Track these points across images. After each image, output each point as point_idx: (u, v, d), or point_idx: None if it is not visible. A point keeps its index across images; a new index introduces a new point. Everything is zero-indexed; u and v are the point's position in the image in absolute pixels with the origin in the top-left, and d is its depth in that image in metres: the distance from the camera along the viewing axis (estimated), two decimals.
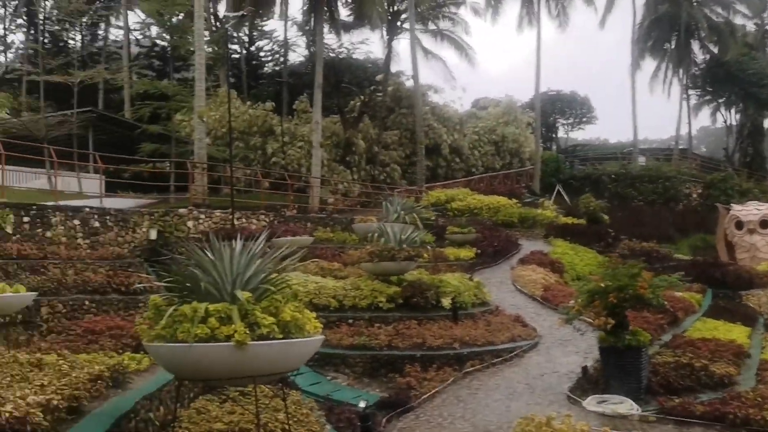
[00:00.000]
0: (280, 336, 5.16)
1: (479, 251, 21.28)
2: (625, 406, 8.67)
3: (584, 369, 10.32)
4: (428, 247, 15.49)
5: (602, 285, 9.78)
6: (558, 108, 56.31)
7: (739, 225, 27.06)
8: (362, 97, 37.88)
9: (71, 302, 10.72)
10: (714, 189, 38.77)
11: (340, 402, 9.34)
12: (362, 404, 6.89)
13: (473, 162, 40.96)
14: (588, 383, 9.86)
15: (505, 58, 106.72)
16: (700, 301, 17.24)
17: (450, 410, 9.20)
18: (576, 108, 57.51)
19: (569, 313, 10.29)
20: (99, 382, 6.08)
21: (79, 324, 9.57)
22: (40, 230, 14.10)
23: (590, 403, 8.84)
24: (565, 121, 59.25)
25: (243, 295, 5.16)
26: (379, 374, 10.92)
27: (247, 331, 4.96)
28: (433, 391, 9.89)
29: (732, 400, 8.52)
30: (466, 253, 20.90)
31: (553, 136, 59.50)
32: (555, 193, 38.25)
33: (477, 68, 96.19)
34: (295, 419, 7.03)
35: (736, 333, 13.81)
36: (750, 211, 27.47)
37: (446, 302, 13.35)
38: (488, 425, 8.50)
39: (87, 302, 10.97)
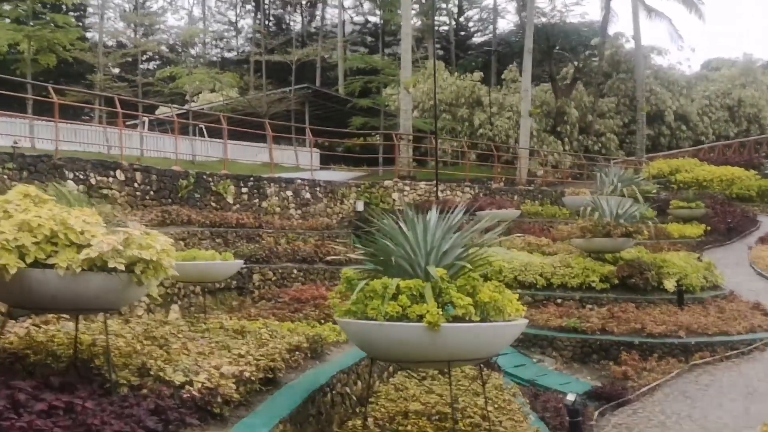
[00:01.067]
0: (477, 318, 4.64)
1: (709, 228, 19.13)
2: None
3: None
4: (649, 222, 13.99)
5: None
6: None
7: None
8: (576, 62, 35.78)
9: (281, 270, 11.14)
10: None
11: (546, 388, 8.67)
12: (571, 397, 6.17)
13: (702, 129, 37.11)
14: None
15: (744, 12, 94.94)
16: None
17: (674, 407, 8.10)
18: None
19: None
20: (297, 352, 6.01)
21: (287, 292, 9.88)
22: (256, 200, 14.95)
23: None
24: None
25: (436, 271, 4.69)
26: (591, 360, 10.05)
27: (441, 312, 4.49)
28: (654, 383, 8.82)
29: None
30: (693, 230, 18.87)
31: None
32: None
33: (709, 25, 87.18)
34: (496, 406, 6.51)
35: None
36: None
37: (669, 284, 11.96)
38: (722, 429, 7.33)
39: (295, 271, 11.35)
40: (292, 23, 49.44)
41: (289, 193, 15.69)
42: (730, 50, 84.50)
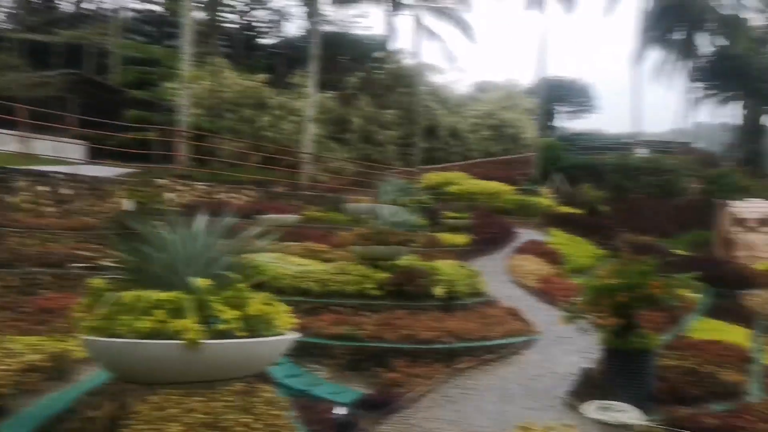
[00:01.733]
0: (245, 333, 4.29)
1: (475, 238, 20.54)
2: (629, 414, 7.83)
3: (583, 371, 9.54)
4: (422, 231, 14.60)
5: (610, 283, 8.96)
6: (558, 95, 55.22)
7: (738, 222, 26.57)
8: (360, 73, 36.82)
9: (28, 276, 9.78)
10: (713, 184, 38.04)
11: (320, 398, 8.50)
12: (338, 411, 6.02)
13: (471, 146, 40.11)
14: (587, 387, 9.03)
15: (511, 40, 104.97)
16: (697, 300, 16.41)
17: (439, 413, 8.36)
18: (576, 96, 56.43)
19: (572, 311, 9.47)
20: (34, 374, 5.20)
21: (34, 301, 8.68)
22: (2, 195, 13.12)
23: (590, 409, 8.01)
24: (565, 109, 58.22)
25: (200, 282, 4.26)
26: (363, 368, 10.06)
27: (204, 327, 4.08)
28: (422, 389, 9.04)
29: (743, 413, 7.79)
30: (461, 239, 20.13)
31: (552, 124, 58.50)
32: (553, 181, 37.41)
33: (480, 49, 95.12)
34: (264, 422, 6.17)
35: (736, 335, 13.04)
36: (749, 208, 27.09)
37: (439, 291, 12.49)
38: None
39: (46, 277, 10.02)
40: (61, 3, 45.00)
41: (44, 188, 13.97)
42: (499, 74, 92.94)
